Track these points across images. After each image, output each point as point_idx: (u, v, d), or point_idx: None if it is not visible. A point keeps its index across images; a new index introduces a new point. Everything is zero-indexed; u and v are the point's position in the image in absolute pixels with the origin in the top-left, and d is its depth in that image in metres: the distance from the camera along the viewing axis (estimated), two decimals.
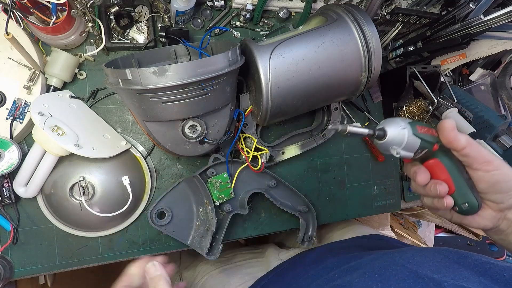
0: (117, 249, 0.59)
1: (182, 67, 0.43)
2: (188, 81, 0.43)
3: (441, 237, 1.47)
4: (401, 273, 0.37)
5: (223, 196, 0.59)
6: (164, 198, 0.57)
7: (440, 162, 0.42)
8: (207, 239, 0.56)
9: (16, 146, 0.50)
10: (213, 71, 0.44)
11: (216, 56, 0.45)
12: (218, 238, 0.58)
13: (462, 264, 0.38)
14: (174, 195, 0.58)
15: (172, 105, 0.46)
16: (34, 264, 0.56)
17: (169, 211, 0.57)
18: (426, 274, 0.35)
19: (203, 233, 0.57)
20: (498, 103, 0.87)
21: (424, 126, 0.41)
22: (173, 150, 0.53)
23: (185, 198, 0.59)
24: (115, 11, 0.56)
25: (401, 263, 0.39)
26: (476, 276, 0.35)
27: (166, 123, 0.50)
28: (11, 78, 0.52)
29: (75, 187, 0.54)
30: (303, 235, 0.64)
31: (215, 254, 0.56)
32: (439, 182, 0.42)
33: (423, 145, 0.41)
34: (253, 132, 0.62)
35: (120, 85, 0.45)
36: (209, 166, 0.59)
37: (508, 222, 0.43)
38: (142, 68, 0.42)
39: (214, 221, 0.56)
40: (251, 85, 0.58)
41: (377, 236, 0.69)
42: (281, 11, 0.67)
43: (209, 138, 0.53)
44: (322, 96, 0.56)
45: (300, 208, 0.65)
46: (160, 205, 0.57)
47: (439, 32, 0.71)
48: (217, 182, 0.59)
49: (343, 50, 0.52)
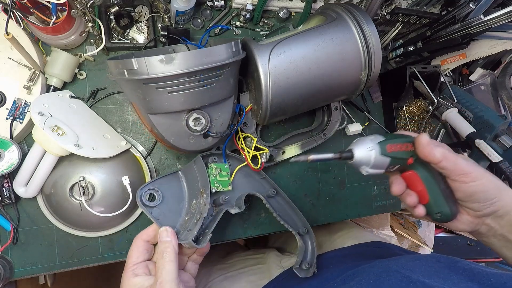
0: (117, 249, 0.59)
1: (189, 55, 0.44)
2: (195, 69, 0.44)
3: (441, 237, 1.47)
4: (395, 278, 0.39)
5: (221, 186, 0.57)
6: (159, 180, 0.54)
7: (416, 174, 0.45)
8: (194, 229, 0.51)
9: (16, 146, 0.50)
10: (219, 60, 0.46)
11: (220, 45, 0.46)
12: (207, 232, 0.53)
13: (452, 269, 0.40)
14: (169, 180, 0.56)
15: (178, 95, 0.47)
16: (34, 264, 0.56)
17: (160, 194, 0.54)
18: (417, 279, 0.38)
19: (191, 226, 0.53)
20: (498, 103, 0.87)
21: (396, 144, 0.43)
22: (177, 144, 0.52)
23: (179, 189, 0.56)
24: (115, 11, 0.56)
25: (395, 269, 0.41)
26: (465, 281, 0.37)
27: (171, 115, 0.50)
28: (11, 78, 0.52)
29: (75, 187, 0.54)
30: (301, 261, 0.57)
31: (201, 243, 0.50)
32: (409, 194, 0.46)
33: (394, 162, 0.43)
34: (253, 131, 0.62)
35: (125, 76, 0.45)
36: (212, 152, 0.58)
37: (487, 227, 0.45)
38: (149, 57, 0.43)
39: (207, 207, 0.52)
40: (250, 84, 0.58)
41: (378, 243, 0.69)
42: (281, 11, 0.67)
43: (213, 131, 0.53)
44: (322, 95, 0.56)
45: (300, 230, 0.59)
46: (153, 185, 0.54)
47: (439, 32, 0.71)
48: (217, 169, 0.57)
49: (343, 49, 0.52)
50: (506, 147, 0.70)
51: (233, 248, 0.96)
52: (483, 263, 1.46)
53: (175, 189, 0.56)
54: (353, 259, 0.61)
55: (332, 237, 0.77)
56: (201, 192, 0.55)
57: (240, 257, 0.78)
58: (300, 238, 0.58)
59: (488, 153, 0.69)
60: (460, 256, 0.43)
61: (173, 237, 0.46)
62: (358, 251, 0.66)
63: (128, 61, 0.43)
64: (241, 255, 0.79)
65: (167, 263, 0.43)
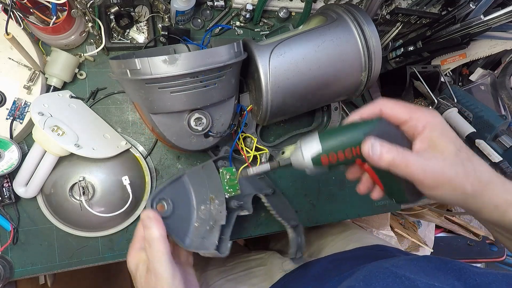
0: (117, 249, 0.59)
1: (192, 55, 0.44)
2: (198, 70, 0.44)
3: (441, 237, 1.47)
4: (383, 274, 0.40)
5: (231, 191, 0.56)
6: (167, 188, 0.50)
7: (370, 168, 0.40)
8: (212, 237, 0.51)
9: (16, 146, 0.50)
10: (221, 61, 0.46)
11: (223, 46, 0.47)
12: (224, 238, 0.53)
13: (441, 269, 0.40)
14: (176, 187, 0.52)
15: (180, 95, 0.47)
16: (34, 264, 0.56)
17: (170, 203, 0.49)
18: (403, 274, 0.38)
19: (204, 233, 0.52)
20: (498, 103, 0.87)
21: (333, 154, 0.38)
22: (178, 144, 0.52)
23: (184, 196, 0.53)
24: (115, 11, 0.56)
25: (386, 267, 0.41)
26: (451, 279, 0.37)
27: (172, 115, 0.50)
28: (11, 78, 0.52)
29: (75, 187, 0.54)
30: (295, 251, 0.61)
31: (224, 252, 0.51)
32: (361, 183, 0.43)
33: (336, 167, 0.39)
34: (253, 131, 0.62)
35: (128, 76, 0.45)
36: (221, 156, 0.58)
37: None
38: (152, 57, 0.43)
39: (224, 214, 0.51)
40: (251, 84, 0.58)
41: (380, 246, 0.68)
42: (281, 11, 0.67)
43: (214, 131, 0.53)
44: (322, 96, 0.57)
45: (293, 223, 0.62)
46: (162, 195, 0.49)
47: (439, 32, 0.71)
48: (228, 174, 0.56)
49: (343, 50, 0.52)
50: (506, 147, 0.70)
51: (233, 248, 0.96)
52: (483, 263, 1.47)
53: (183, 196, 0.53)
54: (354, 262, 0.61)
55: (333, 239, 0.77)
56: (211, 198, 0.54)
57: (241, 259, 0.77)
58: (292, 231, 0.61)
59: (488, 153, 0.69)
60: (460, 256, 0.43)
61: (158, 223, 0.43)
62: (360, 254, 0.66)
63: (131, 61, 0.43)
64: (241, 257, 0.79)
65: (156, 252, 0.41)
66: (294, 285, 0.58)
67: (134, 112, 0.62)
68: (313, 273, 0.60)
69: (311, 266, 0.62)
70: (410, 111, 0.36)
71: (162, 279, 0.40)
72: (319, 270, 0.60)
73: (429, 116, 0.35)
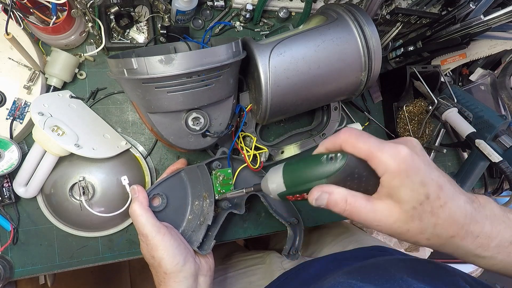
0: (117, 249, 0.59)
1: (188, 55, 0.43)
2: (195, 70, 0.43)
3: None
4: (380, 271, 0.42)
5: (224, 191, 0.57)
6: (163, 184, 0.54)
7: None
8: (199, 233, 0.54)
9: (16, 146, 0.50)
10: (219, 61, 0.45)
11: (221, 46, 0.46)
12: (210, 235, 0.56)
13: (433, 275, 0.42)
14: (172, 182, 0.55)
15: (177, 95, 0.46)
16: (34, 264, 0.56)
17: (164, 198, 0.53)
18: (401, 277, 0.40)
19: (195, 227, 0.55)
20: (498, 103, 0.87)
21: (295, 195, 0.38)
22: (176, 143, 0.52)
23: (182, 188, 0.56)
24: (115, 11, 0.56)
25: (384, 266, 0.42)
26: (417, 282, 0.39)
27: (170, 114, 0.50)
28: (11, 78, 0.52)
29: (75, 187, 0.54)
30: (290, 248, 0.63)
31: (206, 250, 0.54)
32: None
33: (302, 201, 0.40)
34: (252, 131, 0.62)
35: (125, 75, 0.45)
36: (216, 158, 0.58)
37: None
38: (148, 57, 0.42)
39: (211, 215, 0.54)
40: (250, 83, 0.58)
41: (380, 247, 0.69)
42: (281, 11, 0.67)
43: (212, 131, 0.53)
44: (322, 95, 0.57)
45: (290, 220, 0.63)
46: (157, 190, 0.53)
47: (439, 32, 0.70)
48: (221, 176, 0.57)
49: (343, 50, 0.52)
50: (506, 147, 0.70)
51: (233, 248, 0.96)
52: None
53: (178, 191, 0.56)
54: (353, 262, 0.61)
55: (334, 240, 0.77)
56: (204, 196, 0.56)
57: (240, 258, 0.78)
58: (290, 228, 0.63)
59: (488, 153, 0.69)
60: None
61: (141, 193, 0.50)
62: (360, 254, 0.66)
63: (128, 60, 0.43)
64: (241, 256, 0.79)
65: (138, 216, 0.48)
66: (294, 282, 0.58)
67: (134, 112, 0.62)
68: (313, 272, 0.60)
69: (311, 265, 0.62)
70: (369, 150, 0.32)
71: (148, 238, 0.47)
72: (319, 269, 0.60)
73: (389, 159, 0.31)
